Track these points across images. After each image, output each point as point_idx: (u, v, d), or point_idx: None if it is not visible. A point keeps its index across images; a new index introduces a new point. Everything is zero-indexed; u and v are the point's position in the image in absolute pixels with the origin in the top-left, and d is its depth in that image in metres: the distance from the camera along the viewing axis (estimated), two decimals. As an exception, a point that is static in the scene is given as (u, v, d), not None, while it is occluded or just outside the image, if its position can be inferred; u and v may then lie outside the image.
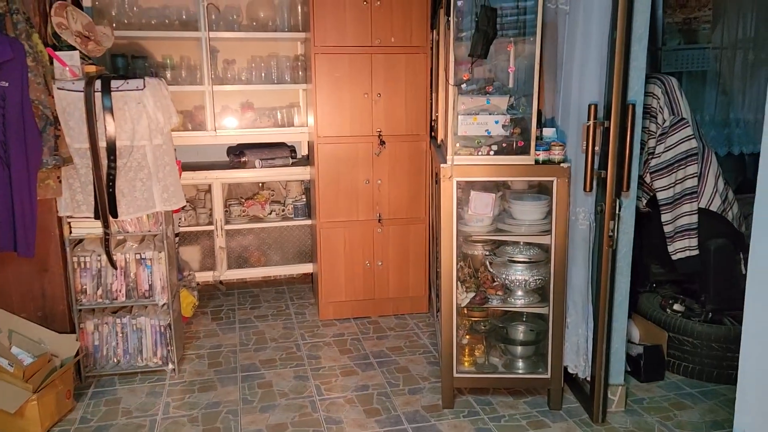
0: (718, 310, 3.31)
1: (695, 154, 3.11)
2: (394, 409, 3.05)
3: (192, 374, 3.43)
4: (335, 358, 3.62)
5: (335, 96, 3.90)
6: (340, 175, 3.99)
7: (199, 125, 4.42)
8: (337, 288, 4.14)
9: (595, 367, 2.89)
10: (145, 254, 3.31)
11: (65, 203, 3.11)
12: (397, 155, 4.03)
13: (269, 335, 3.95)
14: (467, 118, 2.82)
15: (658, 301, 3.52)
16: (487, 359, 3.16)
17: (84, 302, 3.29)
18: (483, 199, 2.91)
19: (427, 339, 3.86)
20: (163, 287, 3.35)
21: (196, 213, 4.57)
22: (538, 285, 3.00)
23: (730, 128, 4.71)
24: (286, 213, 4.74)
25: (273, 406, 3.09)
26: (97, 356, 3.36)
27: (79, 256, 3.25)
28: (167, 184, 3.19)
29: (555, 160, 2.82)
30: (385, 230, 4.10)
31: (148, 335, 3.39)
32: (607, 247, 2.76)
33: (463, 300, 3.02)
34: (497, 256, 3.08)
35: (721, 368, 3.21)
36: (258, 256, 4.74)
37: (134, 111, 3.06)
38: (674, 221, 3.21)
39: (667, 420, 2.93)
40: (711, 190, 3.15)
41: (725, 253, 3.24)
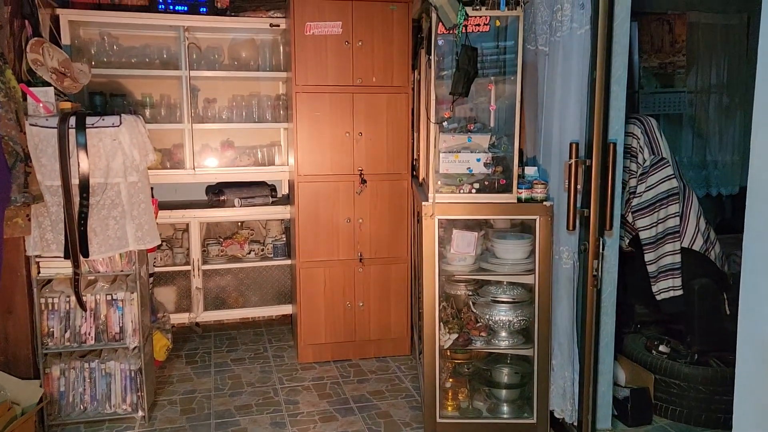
0: (704, 351, 3.26)
1: (676, 193, 3.11)
2: (375, 458, 2.92)
3: (163, 422, 3.27)
4: (314, 403, 3.49)
5: (316, 134, 3.87)
6: (321, 213, 3.93)
7: (178, 163, 4.36)
8: (316, 330, 4.03)
9: (582, 412, 2.80)
10: (116, 295, 3.19)
11: (34, 242, 3.00)
12: (379, 194, 3.98)
13: (246, 379, 3.81)
14: (449, 155, 2.80)
15: (643, 342, 3.46)
16: (470, 403, 3.07)
17: (50, 346, 3.14)
18: (465, 238, 2.86)
19: (409, 382, 3.75)
20: (134, 329, 3.22)
21: (173, 253, 4.46)
22: (523, 326, 2.93)
23: (707, 170, 4.77)
24: (265, 253, 4.65)
25: (248, 455, 2.95)
26: (63, 403, 3.20)
27: (46, 297, 3.12)
28: (141, 223, 3.10)
29: (537, 198, 2.79)
30: (366, 270, 4.02)
31: (118, 380, 3.24)
32: (591, 286, 2.71)
33: (446, 341, 2.94)
34: (480, 296, 3.02)
35: (709, 411, 3.14)
36: (236, 297, 4.62)
37: (109, 148, 3.00)
38: (657, 261, 3.18)
39: (657, 466, 2.84)
40: (693, 229, 3.14)
41: (709, 293, 3.20)
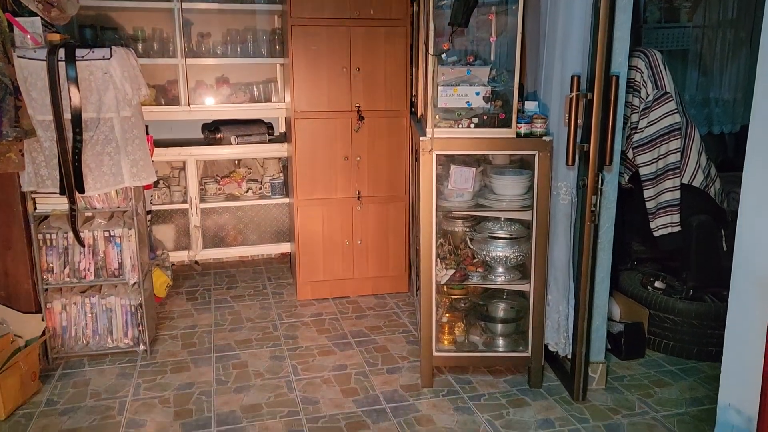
0: (699, 287, 3.29)
1: (678, 129, 3.06)
2: (372, 389, 2.98)
3: (164, 355, 3.33)
4: (313, 338, 3.54)
5: (313, 70, 3.78)
6: (318, 151, 3.89)
7: (173, 100, 4.28)
8: (315, 267, 4.06)
9: (576, 345, 2.85)
10: (114, 231, 3.19)
11: (28, 178, 2.97)
12: (377, 131, 3.93)
13: (245, 315, 3.86)
14: (447, 89, 2.73)
15: (639, 279, 3.49)
16: (466, 338, 3.11)
17: (50, 281, 3.17)
18: (463, 174, 2.83)
19: (406, 318, 3.80)
20: (133, 266, 3.23)
21: (170, 191, 4.44)
22: (519, 262, 2.94)
23: (710, 107, 4.68)
24: (263, 191, 4.63)
25: (248, 386, 3.01)
26: (65, 337, 3.25)
27: (44, 233, 3.12)
28: (136, 159, 3.07)
29: (537, 133, 2.75)
30: (364, 208, 4.01)
31: (119, 315, 3.28)
32: (589, 222, 2.70)
33: (443, 277, 2.95)
34: (478, 233, 3.02)
35: (701, 345, 3.19)
36: (234, 236, 4.63)
37: (100, 81, 2.93)
38: (656, 197, 3.16)
39: (648, 397, 2.90)
40: (694, 165, 3.11)
41: (707, 230, 3.20)
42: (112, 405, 2.85)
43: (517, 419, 2.73)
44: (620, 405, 2.84)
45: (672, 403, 2.86)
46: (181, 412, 2.79)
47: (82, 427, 2.68)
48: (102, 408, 2.82)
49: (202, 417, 2.75)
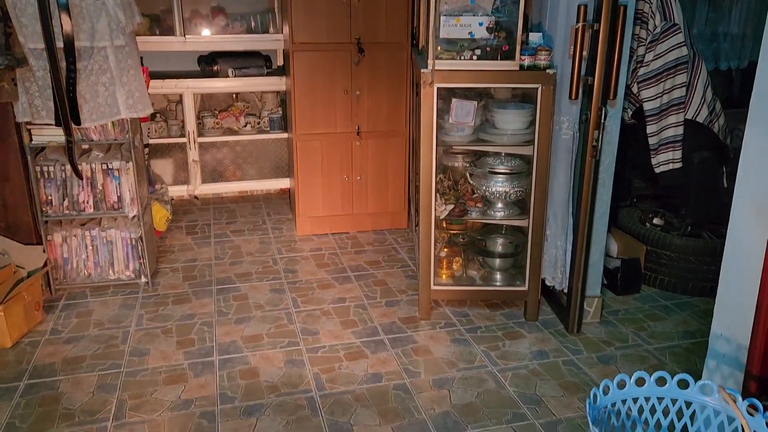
0: (698, 223, 3.30)
1: (685, 62, 2.99)
2: (371, 321, 3.04)
3: (166, 287, 3.38)
4: (312, 272, 3.58)
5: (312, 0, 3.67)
6: (317, 85, 3.82)
7: (167, 30, 4.17)
8: (314, 203, 4.06)
9: (573, 280, 2.88)
10: (111, 164, 3.17)
11: (23, 108, 2.92)
12: (377, 64, 3.85)
13: (245, 250, 3.89)
14: (450, 19, 2.65)
15: (637, 216, 3.50)
16: (464, 272, 3.14)
17: (50, 213, 3.17)
18: (464, 107, 2.79)
19: (405, 254, 3.83)
20: (132, 199, 3.23)
21: (168, 125, 4.39)
22: (519, 197, 2.94)
23: (718, 42, 4.57)
24: (261, 126, 4.58)
25: (248, 318, 3.07)
26: (67, 269, 3.28)
27: (41, 166, 3.10)
28: (132, 90, 3.01)
29: (541, 65, 2.68)
30: (363, 143, 3.98)
31: (119, 248, 3.30)
32: (590, 157, 2.68)
33: (442, 212, 2.95)
34: (478, 168, 3.00)
35: (696, 281, 3.23)
36: (233, 171, 4.61)
37: (92, 8, 2.84)
38: (659, 133, 3.13)
39: (641, 330, 2.96)
40: (699, 100, 3.06)
41: (709, 166, 3.18)
42: (115, 335, 2.90)
43: (512, 350, 2.79)
44: (614, 338, 2.90)
45: (664, 336, 2.92)
46: (184, 342, 2.85)
47: (87, 355, 2.74)
48: (106, 337, 2.88)
49: (204, 346, 2.81)
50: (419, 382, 2.56)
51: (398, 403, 2.43)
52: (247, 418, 2.33)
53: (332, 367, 2.66)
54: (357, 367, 2.66)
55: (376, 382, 2.56)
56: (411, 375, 2.61)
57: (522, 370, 2.65)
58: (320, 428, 2.28)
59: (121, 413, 2.36)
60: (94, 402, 2.43)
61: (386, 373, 2.62)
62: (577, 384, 2.55)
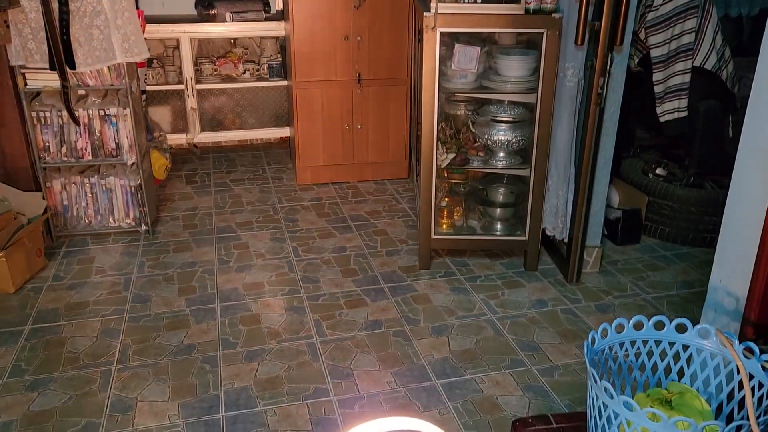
0: (701, 174, 3.27)
1: (696, 6, 2.91)
2: (371, 270, 3.05)
3: (166, 235, 3.38)
4: (313, 221, 3.58)
5: (310, -61, 3.54)
6: (317, 30, 3.73)
7: (162, -28, 4.05)
8: (314, 152, 4.02)
9: (573, 229, 2.88)
10: (109, 110, 3.13)
11: (15, 51, 2.86)
12: (379, 8, 3.74)
13: (246, 199, 3.87)
14: (454, -41, 2.57)
15: (640, 166, 3.47)
16: (465, 222, 3.14)
17: (48, 160, 3.14)
18: (467, 53, 2.73)
19: (406, 204, 3.82)
20: (130, 146, 3.20)
21: (165, 71, 4.31)
22: (521, 146, 2.90)
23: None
24: (260, 73, 4.49)
25: (249, 266, 3.08)
26: (67, 216, 3.28)
27: (37, 111, 3.05)
28: (127, 33, 2.94)
29: (547, 9, 2.61)
30: (364, 91, 3.91)
31: (119, 196, 3.29)
32: (594, 105, 2.63)
33: (444, 161, 2.93)
34: (480, 116, 2.95)
35: (697, 231, 3.23)
36: (232, 119, 4.56)
37: (84, -53, 2.75)
38: (666, 81, 3.07)
39: (640, 280, 2.97)
40: (708, 46, 2.99)
41: (714, 115, 3.14)
42: (117, 281, 2.92)
43: (511, 299, 2.81)
44: (612, 287, 2.91)
45: (663, 285, 2.93)
46: (185, 289, 2.87)
47: (90, 300, 2.76)
48: (108, 283, 2.90)
49: (205, 294, 2.83)
50: (419, 329, 2.59)
51: (398, 350, 2.46)
52: (249, 363, 2.37)
53: (333, 314, 2.68)
54: (357, 314, 2.69)
55: (375, 329, 2.59)
56: (410, 322, 2.63)
57: (520, 318, 2.67)
58: (321, 373, 2.32)
59: (125, 357, 2.40)
60: (98, 346, 2.46)
61: (386, 320, 2.65)
62: (574, 332, 2.58)
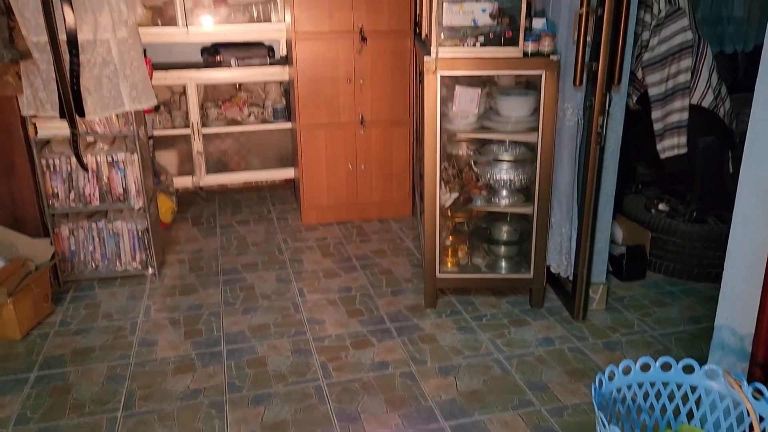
0: (703, 209, 3.29)
1: (690, 47, 2.97)
2: (377, 310, 3.05)
3: (173, 278, 3.40)
4: (318, 261, 3.59)
5: (313, -13, 3.65)
6: (320, 74, 3.81)
7: (170, 21, 4.16)
8: (319, 192, 4.07)
9: (578, 266, 2.88)
10: (117, 156, 3.18)
11: (27, 101, 2.93)
12: (380, 53, 3.83)
13: (251, 240, 3.90)
14: (453, 6, 2.64)
15: (642, 202, 3.49)
16: (470, 260, 3.15)
17: (56, 206, 3.19)
18: (468, 95, 2.78)
19: (410, 242, 3.84)
20: (138, 191, 3.24)
21: (171, 116, 4.39)
22: (523, 185, 2.93)
23: (722, 26, 4.52)
24: (265, 116, 4.58)
25: (255, 308, 3.08)
26: (75, 261, 3.30)
27: (47, 158, 3.11)
28: (135, 82, 3.01)
29: (545, 52, 2.67)
30: (367, 132, 3.97)
31: (126, 240, 3.32)
32: (595, 144, 2.67)
33: (447, 200, 2.96)
34: (482, 156, 2.99)
35: (701, 266, 3.23)
36: (238, 161, 4.62)
37: (95, 0, 2.83)
38: (664, 118, 3.11)
39: (646, 316, 2.96)
40: (704, 85, 3.04)
41: (714, 152, 3.17)
42: (123, 325, 2.93)
43: (518, 338, 2.80)
44: (619, 324, 2.90)
45: (670, 322, 2.92)
46: (191, 332, 2.87)
47: (96, 345, 2.77)
48: (114, 328, 2.90)
49: (211, 336, 2.83)
50: (425, 369, 2.58)
51: (405, 391, 2.44)
52: (255, 407, 2.36)
53: (339, 356, 2.68)
54: (363, 355, 2.68)
55: (382, 370, 2.58)
56: (417, 363, 2.62)
57: (528, 357, 2.66)
58: (328, 416, 2.30)
59: (130, 403, 2.39)
60: (103, 392, 2.45)
61: (393, 361, 2.64)
62: (582, 370, 2.56)
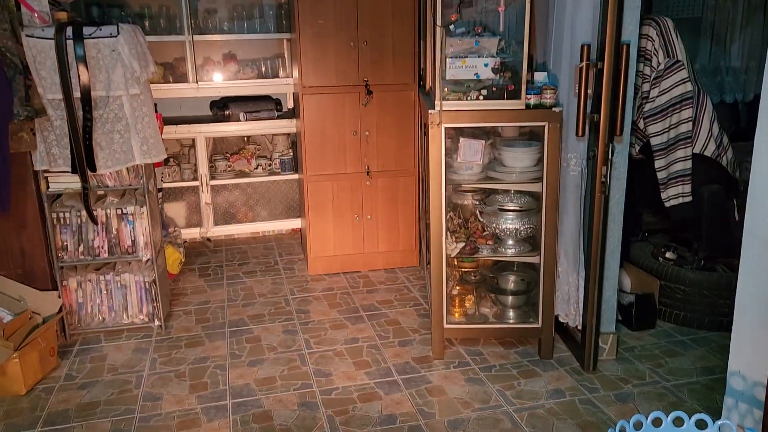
0: (711, 257, 3.28)
1: (690, 98, 3.02)
2: (384, 361, 3.02)
3: (179, 330, 3.39)
4: (325, 312, 3.58)
5: (320, 45, 3.76)
6: (327, 126, 3.89)
7: (181, 77, 4.28)
8: (325, 242, 4.08)
9: (587, 316, 2.86)
10: (126, 209, 3.22)
11: (41, 157, 3.00)
12: (385, 106, 3.91)
13: (258, 291, 3.90)
14: (456, 61, 2.71)
15: (650, 250, 3.48)
16: (477, 310, 3.13)
17: (65, 259, 3.21)
18: (472, 146, 2.83)
19: (417, 292, 3.82)
20: (146, 243, 3.27)
21: (181, 168, 4.46)
22: (529, 234, 2.94)
23: (721, 76, 4.61)
24: (272, 167, 4.64)
25: (261, 360, 3.06)
26: (82, 314, 3.31)
27: (58, 212, 3.16)
28: (146, 136, 3.08)
29: (546, 104, 2.72)
30: (373, 183, 4.02)
31: (133, 292, 3.33)
32: (599, 193, 2.69)
33: (453, 250, 2.97)
34: (487, 205, 3.02)
35: (712, 315, 3.20)
36: (245, 212, 4.66)
37: (108, 59, 2.93)
38: (668, 167, 3.14)
39: (658, 367, 2.92)
40: (706, 134, 3.08)
41: (719, 200, 3.18)
42: (129, 379, 2.90)
43: (528, 389, 2.76)
44: (631, 375, 2.86)
45: (683, 372, 2.87)
46: (197, 385, 2.84)
47: (101, 400, 2.74)
48: (120, 382, 2.88)
49: (217, 390, 2.80)
50: (434, 423, 2.53)
51: (413, 446, 2.40)
52: (261, 463, 2.31)
53: (346, 409, 2.64)
54: (371, 408, 2.64)
55: (390, 423, 2.53)
56: (426, 416, 2.58)
57: (538, 409, 2.61)
58: (335, 473, 2.26)
59: (134, 460, 2.35)
60: (107, 448, 2.42)
61: (400, 414, 2.60)
62: (594, 423, 2.51)
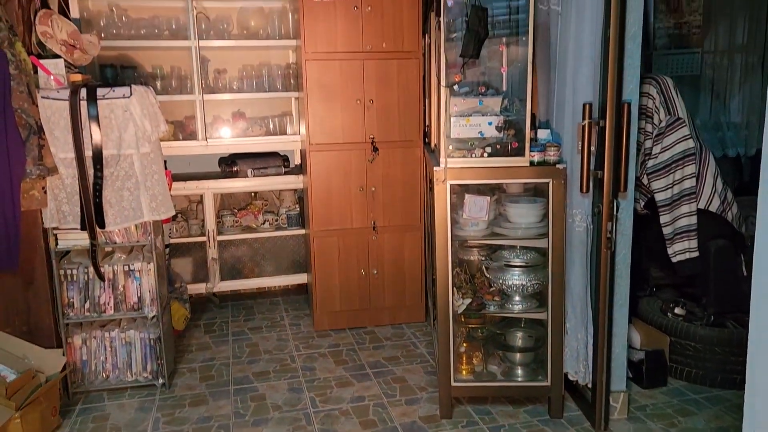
0: (720, 313, 3.24)
1: (693, 154, 3.06)
2: (391, 421, 2.96)
3: (183, 388, 3.34)
4: (330, 370, 3.53)
5: (327, 103, 3.85)
6: (334, 182, 3.93)
7: (190, 135, 4.37)
8: (331, 298, 4.07)
9: (596, 374, 2.81)
10: (133, 266, 3.24)
11: (51, 214, 3.03)
12: (391, 162, 3.97)
13: (263, 347, 3.86)
14: (460, 119, 2.77)
15: (658, 306, 3.45)
16: (485, 367, 3.09)
17: (71, 316, 3.21)
18: (478, 203, 2.85)
19: (424, 348, 3.78)
20: (152, 299, 3.27)
21: (188, 224, 4.49)
22: (536, 290, 2.93)
23: (722, 131, 4.67)
24: (279, 223, 4.67)
25: (266, 419, 3.00)
26: (85, 371, 3.27)
27: (65, 269, 3.17)
28: (155, 193, 3.12)
29: (550, 161, 2.76)
30: (380, 238, 4.03)
31: (138, 349, 3.30)
32: (605, 249, 2.69)
33: (460, 306, 2.95)
34: (493, 261, 3.01)
35: (725, 372, 3.14)
36: (251, 267, 4.66)
37: (121, 119, 3.00)
38: (673, 223, 3.15)
39: (672, 427, 2.85)
40: (710, 190, 3.10)
41: (726, 255, 3.17)
42: (131, 439, 2.85)
43: (538, 450, 2.69)
44: (643, 435, 2.79)
45: (697, 432, 2.81)
46: (200, 446, 2.79)
47: (102, 462, 2.69)
48: (121, 443, 2.83)
49: (220, 451, 2.75)
50: (442, 486, 2.46)
51: None
52: None
53: (352, 472, 2.57)
54: (377, 471, 2.58)
55: (397, 487, 2.47)
56: (434, 479, 2.51)
57: (549, 472, 2.54)
58: None
59: None
60: None
61: (408, 477, 2.53)
62: (608, 487, 2.43)
